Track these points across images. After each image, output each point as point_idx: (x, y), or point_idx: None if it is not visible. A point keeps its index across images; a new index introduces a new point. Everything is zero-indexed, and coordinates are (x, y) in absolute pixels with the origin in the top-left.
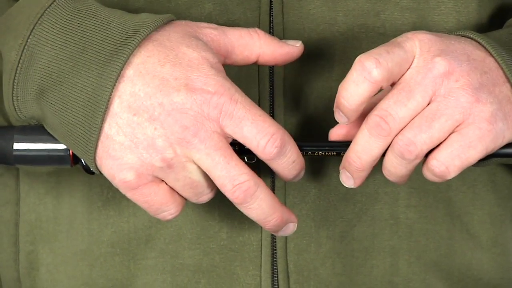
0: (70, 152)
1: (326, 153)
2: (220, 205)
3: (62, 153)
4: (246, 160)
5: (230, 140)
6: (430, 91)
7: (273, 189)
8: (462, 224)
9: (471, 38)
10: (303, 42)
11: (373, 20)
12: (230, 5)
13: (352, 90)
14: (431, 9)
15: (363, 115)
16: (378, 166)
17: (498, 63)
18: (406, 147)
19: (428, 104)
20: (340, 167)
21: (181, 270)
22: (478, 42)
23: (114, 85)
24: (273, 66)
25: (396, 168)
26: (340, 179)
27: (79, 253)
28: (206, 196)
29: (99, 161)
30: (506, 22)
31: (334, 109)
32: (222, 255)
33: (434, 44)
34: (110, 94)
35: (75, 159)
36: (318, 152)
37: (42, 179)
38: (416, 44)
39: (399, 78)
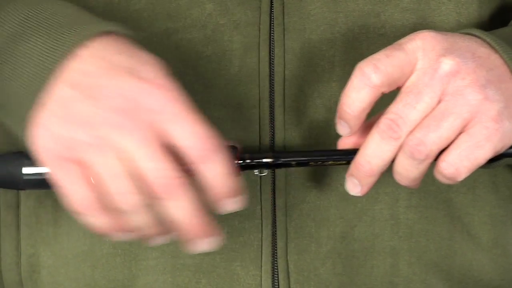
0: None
1: (336, 161)
2: None
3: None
4: (257, 173)
5: (164, 140)
6: (438, 92)
7: (273, 189)
8: (463, 225)
9: (476, 36)
10: (303, 42)
11: (373, 21)
12: (230, 5)
13: (354, 97)
14: (432, 10)
15: (367, 128)
16: None
17: (503, 59)
18: (416, 147)
19: (438, 104)
20: (347, 175)
21: (182, 270)
22: (483, 40)
23: (65, 59)
24: (273, 67)
25: (407, 170)
26: (346, 187)
27: (81, 254)
28: (131, 196)
29: (31, 129)
30: (510, 21)
31: (337, 120)
32: (223, 255)
33: (438, 42)
34: (58, 68)
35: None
36: (327, 162)
37: None
38: (419, 44)
39: (406, 81)
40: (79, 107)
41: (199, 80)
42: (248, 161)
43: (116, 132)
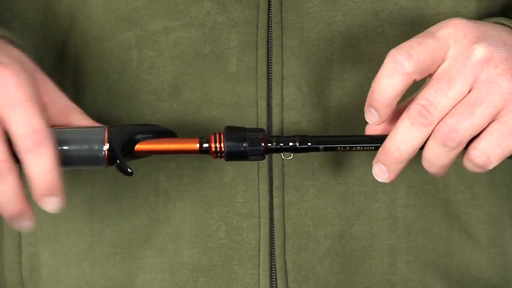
0: (105, 152)
1: (364, 147)
2: (218, 203)
3: (96, 153)
4: (282, 156)
5: (2, 124)
6: (470, 79)
7: (271, 188)
8: (461, 223)
9: (505, 25)
10: (302, 41)
11: (372, 20)
12: (228, 3)
13: (385, 84)
14: (431, 8)
15: (395, 115)
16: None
17: None
18: (448, 134)
19: (469, 91)
20: (374, 161)
21: (180, 269)
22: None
23: None
24: (271, 65)
25: (437, 157)
26: (373, 173)
27: (81, 253)
28: None
29: None
30: None
31: (366, 108)
32: (221, 254)
33: (470, 30)
34: None
35: (110, 160)
36: (355, 147)
37: None
38: (450, 31)
39: (437, 68)
40: None
41: (197, 79)
42: (274, 144)
43: None
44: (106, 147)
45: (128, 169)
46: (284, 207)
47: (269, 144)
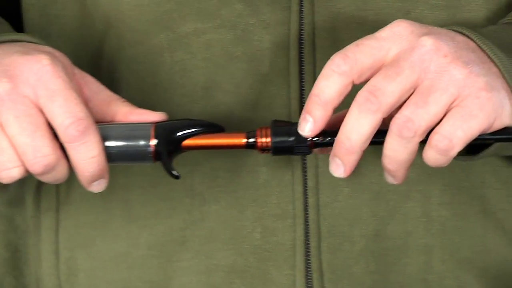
0: (152, 148)
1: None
2: (253, 205)
3: (143, 149)
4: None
5: (43, 117)
6: (417, 67)
7: (305, 188)
8: (497, 220)
9: (458, 32)
10: (333, 41)
11: (403, 19)
12: (260, 5)
13: (323, 84)
14: (461, 6)
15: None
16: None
17: (480, 48)
18: (404, 124)
19: (421, 82)
20: (330, 157)
21: (215, 271)
22: (460, 32)
23: None
24: (303, 66)
25: (395, 151)
26: (330, 170)
27: (118, 256)
28: (9, 171)
29: None
30: (499, 21)
31: (302, 115)
32: (256, 255)
33: (416, 28)
34: None
35: (157, 156)
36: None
37: (79, 185)
38: (395, 30)
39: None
40: None
41: (230, 80)
42: (321, 138)
43: None
44: (153, 142)
45: (174, 172)
46: (318, 208)
47: (316, 138)
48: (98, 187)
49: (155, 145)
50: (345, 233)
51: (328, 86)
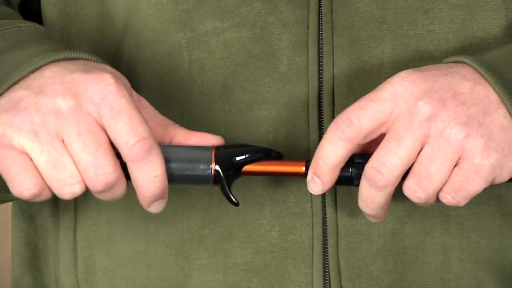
0: (212, 172)
1: None
2: (271, 203)
3: (203, 172)
4: None
5: (106, 136)
6: (418, 136)
7: None
8: None
9: (464, 63)
10: (352, 40)
11: (422, 18)
12: (279, 3)
13: (329, 150)
14: (480, 6)
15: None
16: None
17: (492, 87)
18: (413, 195)
19: (422, 147)
20: (307, 177)
21: (233, 269)
22: (467, 64)
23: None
24: (322, 65)
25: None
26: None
27: (136, 255)
28: (69, 187)
29: None
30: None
31: (309, 177)
32: (274, 254)
33: (417, 85)
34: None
35: (216, 180)
36: None
37: None
38: (397, 90)
39: (390, 127)
40: (27, 101)
41: (248, 79)
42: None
43: (56, 121)
44: (213, 166)
45: (233, 199)
46: (336, 206)
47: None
48: (157, 207)
49: (215, 169)
50: (363, 232)
51: (333, 152)
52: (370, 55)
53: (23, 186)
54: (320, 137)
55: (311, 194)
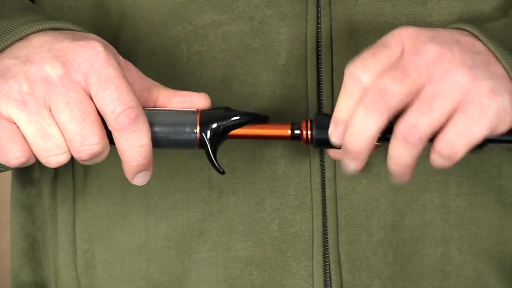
0: (197, 135)
1: None
2: (271, 196)
3: (188, 136)
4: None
5: (93, 105)
6: (424, 72)
7: (323, 179)
8: None
9: (460, 28)
10: (351, 32)
11: (420, 10)
12: None
13: (348, 103)
14: None
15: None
16: (424, 155)
17: (487, 47)
18: (408, 131)
19: (425, 87)
20: (340, 154)
21: (234, 262)
22: (467, 31)
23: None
24: (321, 57)
25: (400, 155)
26: (343, 168)
27: (136, 248)
28: (55, 157)
29: None
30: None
31: (331, 129)
32: (274, 247)
33: (422, 33)
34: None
35: (202, 143)
36: None
37: (95, 177)
38: (403, 36)
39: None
40: (15, 69)
41: (247, 72)
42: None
43: (44, 89)
44: (198, 129)
45: (217, 165)
46: (336, 199)
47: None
48: (142, 179)
49: (200, 133)
50: (363, 224)
51: (354, 102)
52: (369, 47)
53: (11, 155)
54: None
55: (311, 187)
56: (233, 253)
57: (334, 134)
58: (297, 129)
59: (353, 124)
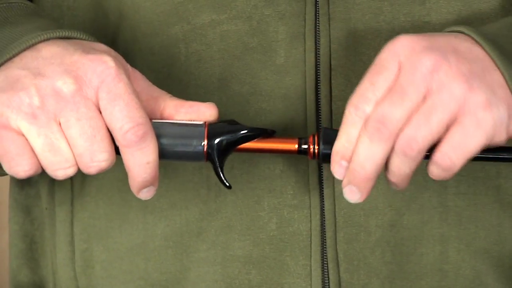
0: (204, 148)
1: None
2: (269, 195)
3: (195, 149)
4: None
5: (103, 121)
6: (422, 88)
7: (321, 178)
8: None
9: (459, 32)
10: (349, 32)
11: (418, 9)
12: None
13: (352, 132)
14: None
15: None
16: None
17: (486, 52)
18: (407, 144)
19: (425, 101)
20: (343, 184)
21: (232, 262)
22: (466, 35)
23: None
24: (319, 57)
25: (400, 168)
26: (345, 195)
27: (134, 248)
28: (63, 170)
29: None
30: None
31: (333, 165)
32: (272, 246)
33: (417, 43)
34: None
35: (209, 156)
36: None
37: (94, 178)
38: (398, 50)
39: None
40: (25, 81)
41: (245, 72)
42: None
43: (55, 104)
44: (205, 142)
45: (224, 180)
46: (334, 198)
47: None
48: (147, 194)
49: (208, 146)
50: (361, 223)
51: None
52: (367, 46)
53: (20, 168)
54: (317, 129)
55: (309, 185)
56: (231, 252)
57: (337, 170)
58: (304, 144)
59: (359, 154)
